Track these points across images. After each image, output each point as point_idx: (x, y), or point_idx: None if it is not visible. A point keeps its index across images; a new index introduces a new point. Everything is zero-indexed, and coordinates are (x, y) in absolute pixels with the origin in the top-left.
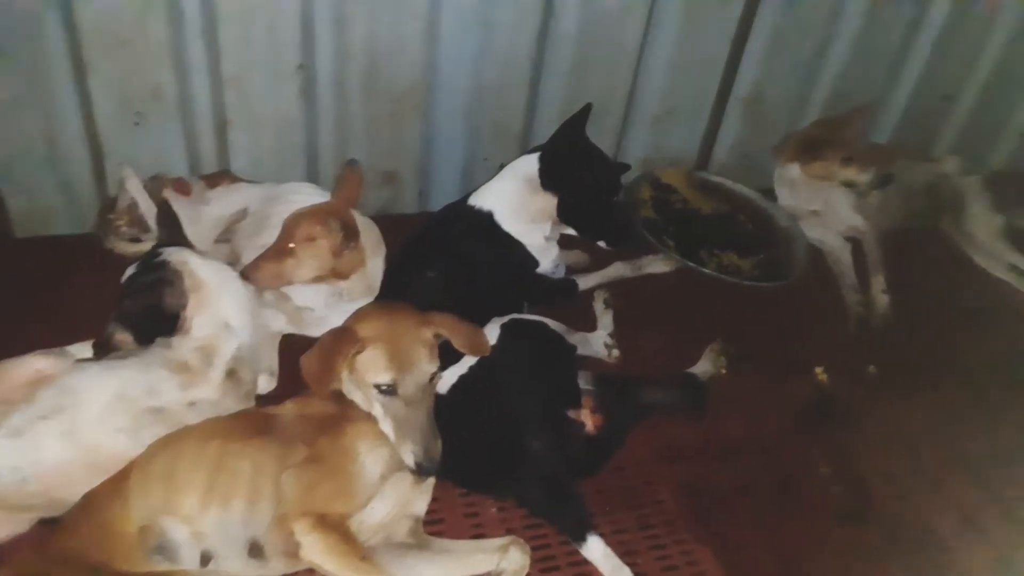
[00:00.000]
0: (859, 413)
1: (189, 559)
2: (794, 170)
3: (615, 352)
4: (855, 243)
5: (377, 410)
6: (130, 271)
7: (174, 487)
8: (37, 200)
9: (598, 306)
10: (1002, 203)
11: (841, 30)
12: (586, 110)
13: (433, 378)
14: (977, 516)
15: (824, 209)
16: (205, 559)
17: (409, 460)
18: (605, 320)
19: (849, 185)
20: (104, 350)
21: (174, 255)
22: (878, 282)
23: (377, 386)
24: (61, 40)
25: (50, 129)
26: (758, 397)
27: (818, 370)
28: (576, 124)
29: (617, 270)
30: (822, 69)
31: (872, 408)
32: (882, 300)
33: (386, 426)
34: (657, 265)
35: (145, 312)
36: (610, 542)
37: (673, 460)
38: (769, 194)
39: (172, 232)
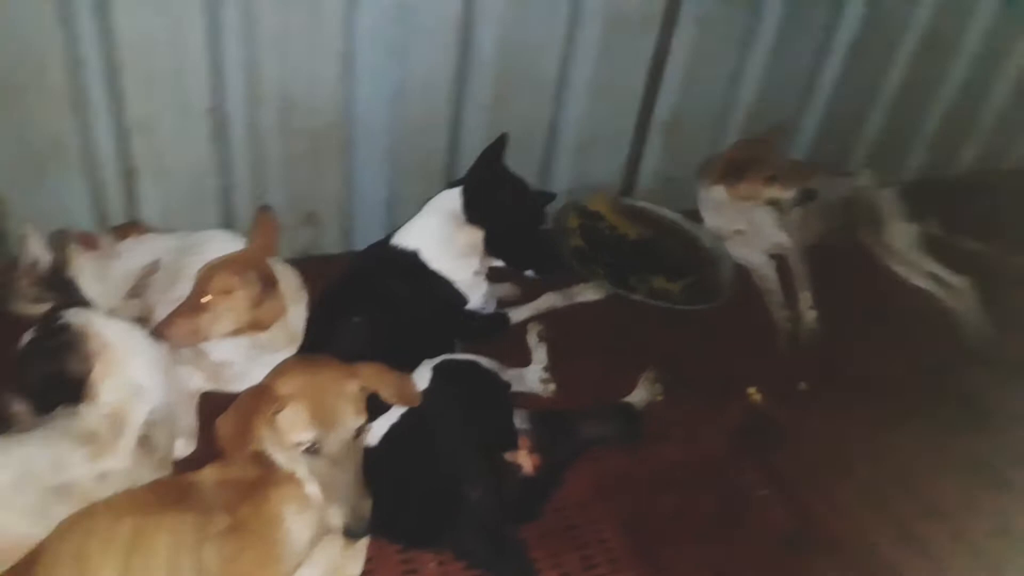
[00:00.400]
0: (794, 431)
1: None
2: (719, 192)
3: (551, 386)
4: (780, 260)
5: (301, 471)
6: (27, 336)
7: (85, 572)
8: None
9: (531, 339)
10: (916, 213)
11: (754, 53)
12: (502, 140)
13: (360, 433)
14: (916, 529)
15: (749, 228)
16: None
17: (337, 522)
18: (539, 353)
19: (774, 203)
20: (1, 425)
21: (75, 317)
22: (805, 298)
23: (299, 445)
24: None
25: None
26: (696, 421)
27: (751, 390)
28: (493, 155)
29: (548, 301)
30: (737, 92)
31: (806, 425)
32: (809, 315)
33: (311, 487)
34: (588, 293)
35: (46, 381)
36: None
37: (614, 494)
38: (693, 216)
39: (66, 293)
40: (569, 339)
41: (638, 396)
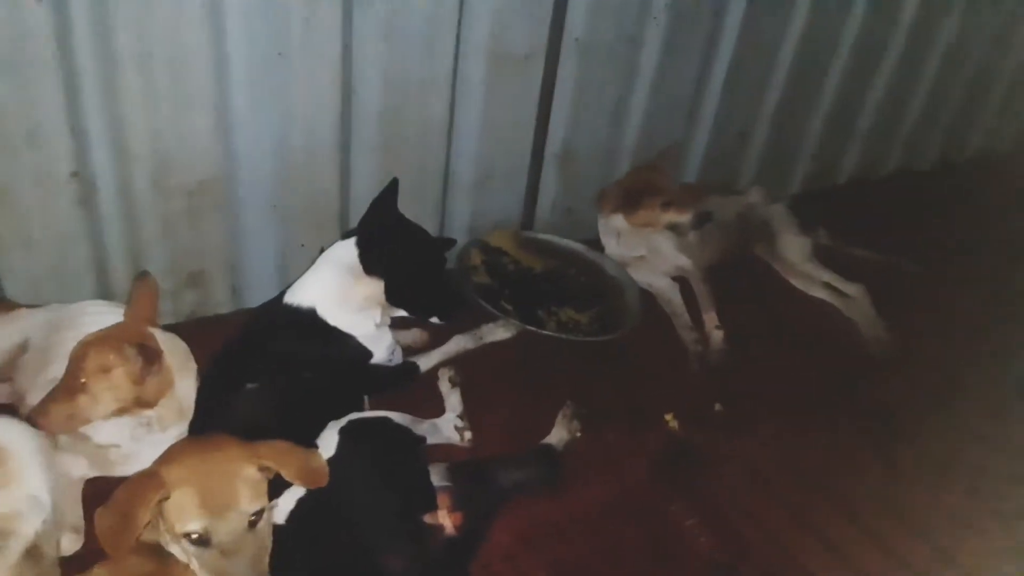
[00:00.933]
0: (713, 455)
1: None
2: (618, 220)
3: (467, 434)
4: (683, 283)
5: (194, 564)
6: None
7: None
8: None
9: (443, 385)
10: (806, 225)
11: (638, 81)
12: (393, 186)
13: (258, 520)
14: (841, 544)
15: (649, 254)
16: None
17: None
18: (452, 400)
19: (672, 227)
20: None
21: None
22: (711, 318)
23: (188, 535)
24: None
25: None
26: (616, 455)
27: (668, 416)
28: (385, 202)
29: (458, 344)
30: (625, 120)
31: (725, 446)
32: (716, 335)
33: None
34: (498, 333)
35: None
36: None
37: (541, 542)
38: (595, 245)
39: None
40: (482, 382)
41: (557, 436)
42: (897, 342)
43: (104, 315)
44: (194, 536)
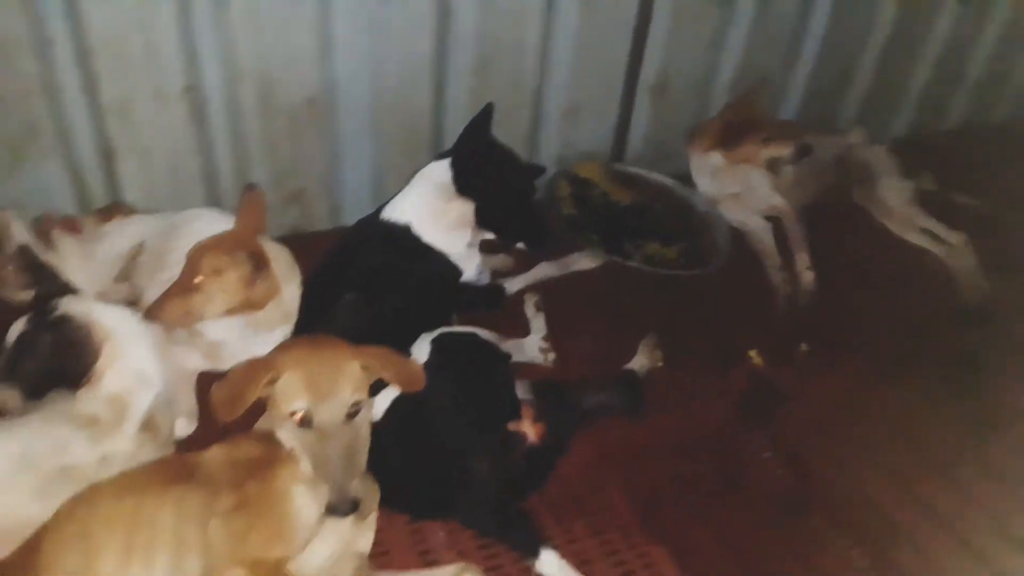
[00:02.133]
0: (795, 394)
1: None
2: (716, 157)
3: (551, 355)
4: (776, 223)
5: (295, 445)
6: (21, 327)
7: (90, 552)
8: None
9: (529, 309)
10: (908, 169)
11: (738, 11)
12: (488, 110)
13: (356, 412)
14: (919, 489)
15: (743, 191)
16: None
17: (320, 499)
18: (537, 323)
19: (772, 164)
20: None
21: (74, 306)
22: (802, 259)
23: (292, 415)
24: None
25: None
26: (697, 387)
27: (752, 353)
28: (480, 125)
29: (543, 270)
30: (723, 52)
31: (807, 387)
32: (807, 277)
33: (304, 462)
34: (583, 262)
35: (45, 373)
36: (564, 553)
37: (619, 462)
38: (685, 181)
39: (51, 280)
40: (566, 308)
41: (638, 363)
42: (994, 294)
43: (214, 223)
44: (298, 417)
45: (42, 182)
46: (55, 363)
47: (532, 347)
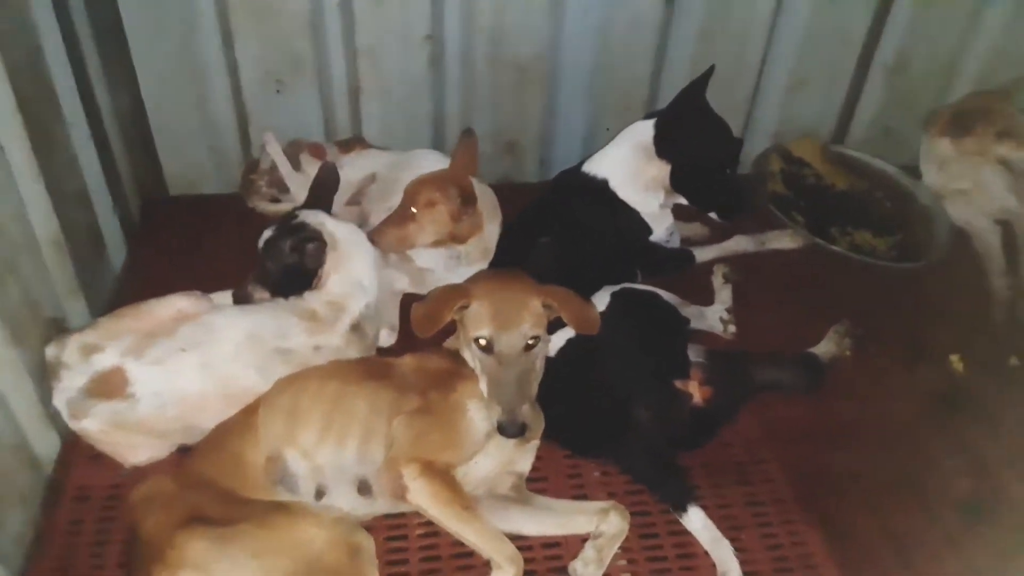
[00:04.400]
0: (995, 408)
1: (306, 491)
2: (944, 145)
3: (731, 328)
4: (1006, 226)
5: (476, 366)
6: (268, 234)
7: (297, 421)
8: (188, 162)
9: (716, 280)
10: None
11: None
12: (708, 73)
13: (535, 345)
14: None
15: (973, 188)
16: (319, 493)
17: (492, 418)
18: (723, 295)
19: (1004, 162)
20: (243, 303)
21: (311, 218)
22: None
23: (476, 340)
24: (211, 11)
25: (202, 96)
26: (883, 381)
27: (954, 358)
28: (696, 89)
29: (738, 244)
30: (976, 36)
31: (1012, 403)
32: None
33: (482, 383)
34: (783, 241)
35: (285, 271)
36: (713, 515)
37: (786, 440)
38: (912, 172)
39: (325, 194)
40: (756, 285)
41: (824, 348)
42: None
43: (436, 163)
44: (482, 342)
45: (298, 111)
46: (292, 262)
47: (713, 316)
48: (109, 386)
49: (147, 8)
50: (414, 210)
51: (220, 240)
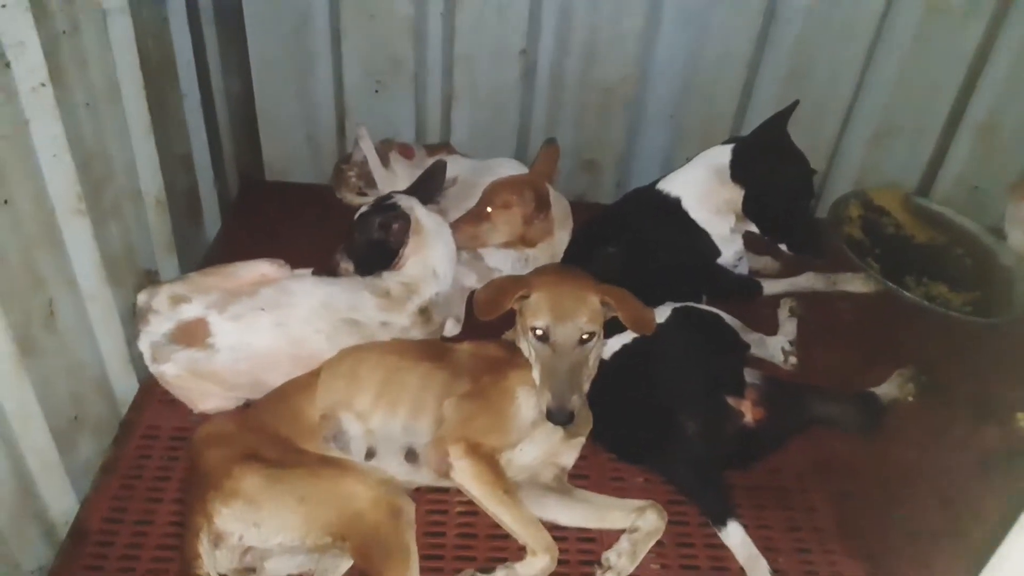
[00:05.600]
0: None
1: (356, 451)
2: None
3: (792, 359)
4: None
5: (531, 355)
6: (363, 209)
7: (353, 386)
8: (287, 148)
9: (782, 313)
10: None
11: None
12: (791, 107)
13: (589, 340)
14: None
15: None
16: (370, 454)
17: (542, 404)
18: (788, 327)
19: None
20: (330, 273)
21: (403, 201)
22: None
23: (533, 330)
24: (325, 7)
25: (305, 87)
26: (943, 432)
27: (1020, 415)
28: (779, 121)
29: (808, 280)
30: None
31: None
32: None
33: (535, 371)
34: (855, 284)
35: (371, 245)
36: (752, 535)
37: (836, 475)
38: (997, 233)
39: (429, 186)
40: (823, 323)
41: (885, 389)
42: None
43: (515, 171)
44: (538, 332)
45: (393, 112)
46: (379, 237)
47: (775, 346)
48: (192, 335)
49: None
50: (489, 210)
51: (306, 226)
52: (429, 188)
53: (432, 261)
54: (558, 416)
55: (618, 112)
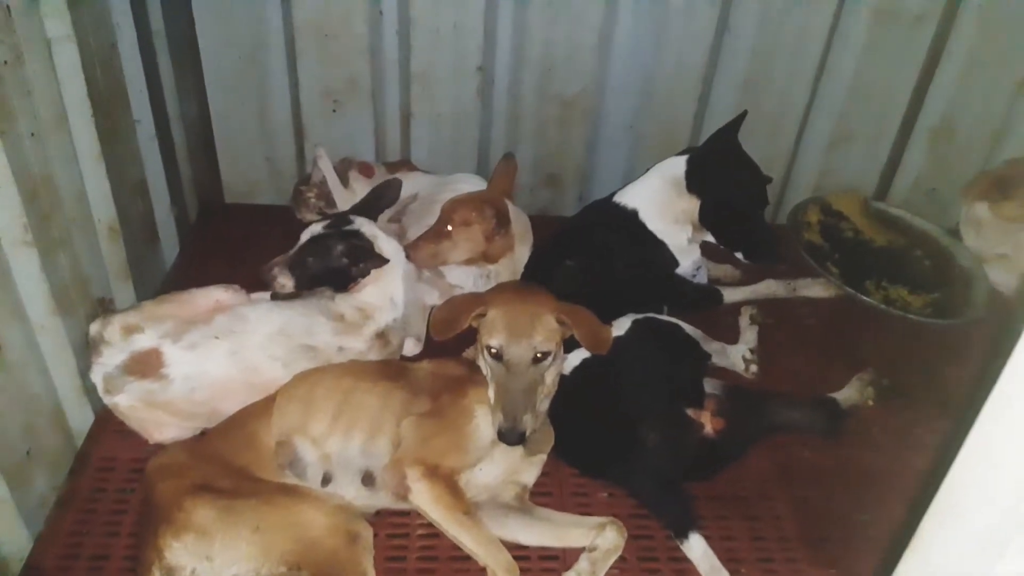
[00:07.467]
0: None
1: (313, 478)
2: (982, 209)
3: (753, 367)
4: None
5: (487, 372)
6: (317, 229)
7: (309, 410)
8: (245, 171)
9: (743, 320)
10: None
11: None
12: (740, 117)
13: (544, 359)
14: None
15: (1014, 253)
16: (326, 480)
17: (495, 424)
18: (748, 335)
19: None
20: (269, 287)
21: (366, 227)
22: None
23: (488, 348)
24: (279, 28)
25: (263, 109)
26: (905, 434)
27: None
28: (729, 131)
29: (768, 287)
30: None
31: None
32: None
33: (490, 390)
34: (815, 289)
35: (326, 272)
36: (715, 546)
37: (797, 481)
38: (955, 234)
39: (377, 205)
40: (783, 330)
41: (845, 394)
42: None
43: (475, 186)
44: (493, 350)
45: (352, 131)
46: (338, 265)
47: (736, 355)
48: (145, 365)
49: (220, 23)
50: (449, 227)
51: (267, 248)
52: (378, 207)
53: (390, 290)
54: (509, 436)
55: (578, 124)
